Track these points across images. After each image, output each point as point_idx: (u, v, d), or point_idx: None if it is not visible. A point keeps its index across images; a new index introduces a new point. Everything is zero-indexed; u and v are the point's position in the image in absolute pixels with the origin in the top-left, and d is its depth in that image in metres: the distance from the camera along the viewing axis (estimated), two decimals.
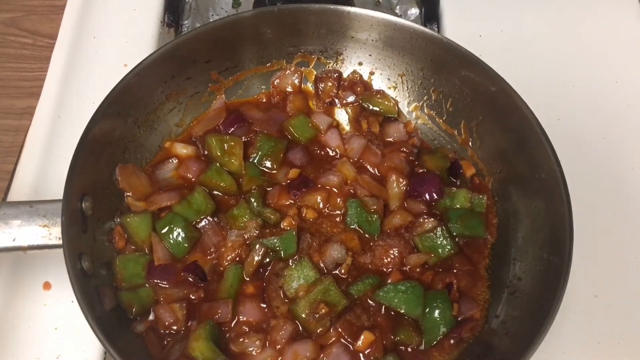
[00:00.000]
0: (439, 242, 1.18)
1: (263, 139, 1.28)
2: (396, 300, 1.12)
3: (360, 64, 1.39)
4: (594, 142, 1.44)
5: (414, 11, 1.65)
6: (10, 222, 1.03)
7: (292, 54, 1.38)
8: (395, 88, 1.40)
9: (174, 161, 1.27)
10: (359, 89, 1.38)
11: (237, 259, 1.16)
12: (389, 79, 1.39)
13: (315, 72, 1.40)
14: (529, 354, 0.98)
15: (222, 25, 1.28)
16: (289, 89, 1.39)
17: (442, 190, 1.25)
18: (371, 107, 1.37)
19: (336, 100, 1.39)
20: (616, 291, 1.27)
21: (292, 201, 1.23)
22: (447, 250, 1.18)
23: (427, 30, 1.29)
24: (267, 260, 1.16)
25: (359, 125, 1.36)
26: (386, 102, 1.37)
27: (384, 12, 1.31)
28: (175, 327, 1.10)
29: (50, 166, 1.33)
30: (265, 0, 1.57)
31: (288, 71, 1.39)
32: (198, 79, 1.33)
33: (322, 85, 1.38)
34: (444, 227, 1.19)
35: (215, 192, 1.23)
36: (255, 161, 1.27)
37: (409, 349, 1.11)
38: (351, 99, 1.38)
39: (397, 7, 1.66)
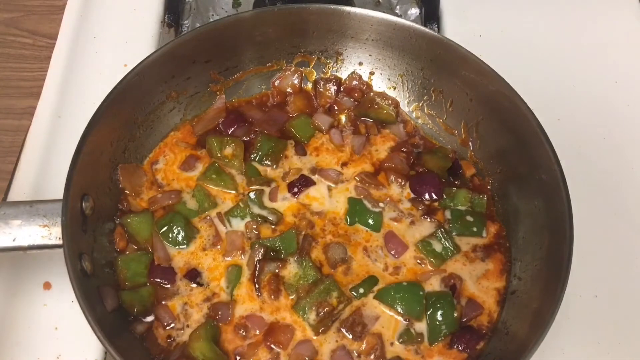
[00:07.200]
0: (439, 244, 1.18)
1: (263, 139, 1.28)
2: (397, 300, 1.12)
3: (360, 64, 1.39)
4: (594, 142, 1.44)
5: (414, 11, 1.65)
6: (10, 222, 1.03)
7: (292, 54, 1.38)
8: (395, 88, 1.39)
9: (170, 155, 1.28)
10: (356, 94, 1.38)
11: (237, 258, 1.16)
12: (389, 79, 1.39)
13: (315, 73, 1.40)
14: (529, 354, 0.98)
15: (222, 25, 1.28)
16: (289, 89, 1.39)
17: (442, 190, 1.25)
18: (368, 119, 1.36)
19: (335, 107, 1.38)
20: (616, 291, 1.27)
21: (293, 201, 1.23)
22: (447, 251, 1.18)
23: (427, 30, 1.29)
24: (268, 260, 1.16)
25: (357, 130, 1.35)
26: (384, 112, 1.35)
27: (384, 12, 1.31)
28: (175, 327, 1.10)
29: (50, 166, 1.33)
30: (265, 0, 1.57)
31: (288, 72, 1.39)
32: (198, 79, 1.33)
33: (321, 90, 1.38)
34: (443, 228, 1.20)
35: (215, 192, 1.23)
36: (255, 161, 1.27)
37: (411, 350, 1.11)
38: (349, 104, 1.37)
39: (397, 7, 1.66)
